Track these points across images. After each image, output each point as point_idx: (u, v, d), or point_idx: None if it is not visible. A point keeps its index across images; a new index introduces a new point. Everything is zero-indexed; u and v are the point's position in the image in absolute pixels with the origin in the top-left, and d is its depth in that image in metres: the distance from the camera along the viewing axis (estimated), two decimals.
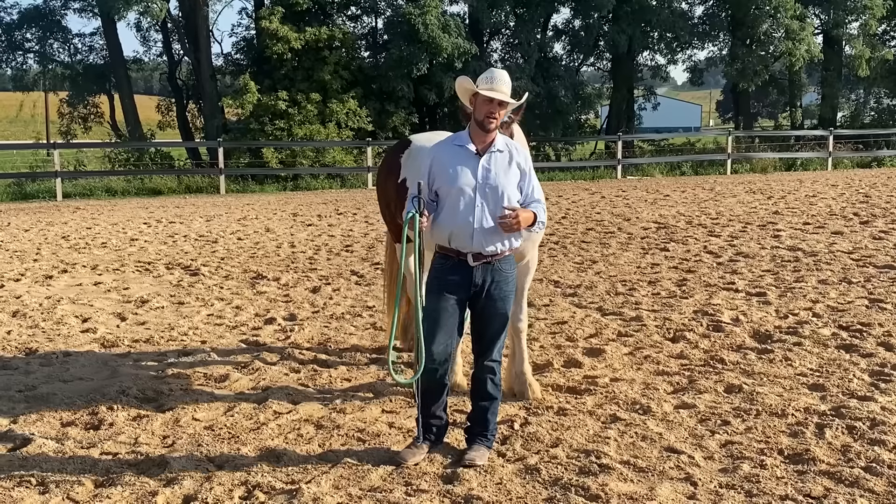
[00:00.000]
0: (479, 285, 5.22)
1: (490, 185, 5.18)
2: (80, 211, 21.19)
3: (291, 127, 30.10)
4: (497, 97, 5.11)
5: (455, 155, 5.28)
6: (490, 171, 5.20)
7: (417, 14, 30.72)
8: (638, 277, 11.16)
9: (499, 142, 5.28)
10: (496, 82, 5.16)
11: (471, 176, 5.19)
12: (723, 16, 38.18)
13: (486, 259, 5.21)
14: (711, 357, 7.51)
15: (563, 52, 40.06)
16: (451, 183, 5.21)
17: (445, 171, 5.24)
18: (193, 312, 9.70)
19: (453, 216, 5.20)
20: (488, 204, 5.16)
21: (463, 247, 5.19)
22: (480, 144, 5.25)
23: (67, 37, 36.50)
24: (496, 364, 5.41)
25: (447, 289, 5.24)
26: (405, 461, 5.21)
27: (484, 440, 5.39)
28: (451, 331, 5.29)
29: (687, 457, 5.31)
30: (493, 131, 5.23)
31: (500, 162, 5.24)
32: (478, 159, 5.22)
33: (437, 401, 5.41)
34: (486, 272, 5.22)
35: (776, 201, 19.95)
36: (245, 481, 5.03)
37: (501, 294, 5.28)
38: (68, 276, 12.00)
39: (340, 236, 15.76)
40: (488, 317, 5.31)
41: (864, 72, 36.94)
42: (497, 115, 5.18)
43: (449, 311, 5.24)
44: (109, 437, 5.82)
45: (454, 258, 5.24)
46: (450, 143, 5.40)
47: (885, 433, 5.58)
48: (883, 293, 9.73)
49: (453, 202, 5.21)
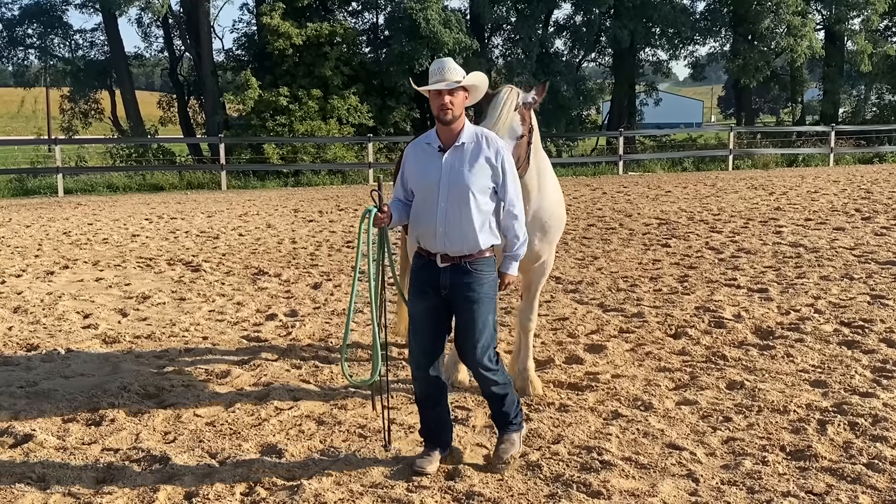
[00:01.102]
0: (448, 287, 4.94)
1: (454, 183, 4.86)
2: (81, 207, 21.19)
3: (293, 123, 30.13)
4: (434, 88, 4.82)
5: (422, 153, 5.05)
6: (453, 169, 4.88)
7: (419, 9, 30.72)
8: (639, 273, 11.15)
9: (466, 134, 4.94)
10: (441, 73, 4.87)
11: (434, 174, 4.91)
12: (724, 11, 38.14)
13: (455, 260, 4.92)
14: (713, 353, 7.51)
15: (564, 47, 40.08)
16: (417, 182, 5.03)
17: (412, 169, 5.07)
18: (195, 308, 9.70)
19: (418, 216, 5.03)
20: (452, 204, 4.86)
21: (430, 247, 4.97)
22: (445, 140, 4.96)
23: (68, 32, 36.52)
24: (490, 372, 5.04)
25: (422, 290, 5.05)
26: (423, 471, 5.05)
27: (510, 426, 5.19)
28: (434, 334, 5.06)
29: (689, 453, 5.31)
30: (452, 123, 4.89)
31: (467, 156, 4.90)
32: (441, 156, 4.93)
33: (436, 406, 5.19)
34: (455, 274, 4.92)
35: (778, 197, 19.93)
36: (246, 477, 5.03)
37: (474, 297, 4.91)
38: (69, 272, 11.99)
39: (341, 232, 15.76)
40: (461, 322, 4.99)
41: (865, 67, 36.90)
42: (449, 105, 4.84)
43: (427, 313, 5.03)
44: (111, 433, 5.82)
45: (426, 258, 5.05)
46: (420, 142, 5.13)
47: (888, 430, 5.57)
48: (885, 289, 9.72)
49: (419, 202, 5.02)
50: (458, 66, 4.97)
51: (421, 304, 5.05)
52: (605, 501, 4.70)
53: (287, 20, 30.45)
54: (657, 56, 40.56)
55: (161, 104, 39.91)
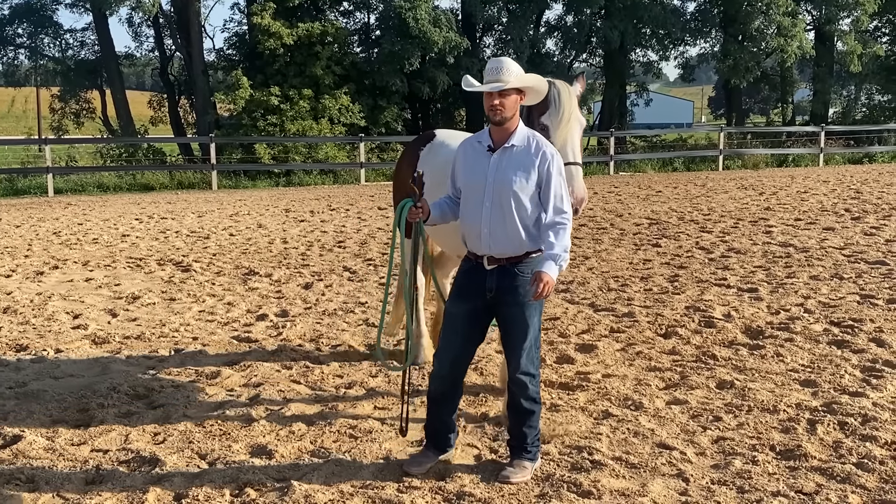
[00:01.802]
0: (494, 290, 4.86)
1: (499, 184, 4.81)
2: (71, 206, 21.12)
3: (284, 122, 30.10)
4: (486, 89, 4.74)
5: (472, 152, 5.00)
6: (500, 170, 4.83)
7: (408, 8, 30.71)
8: (630, 273, 11.17)
9: (518, 136, 4.88)
10: (495, 72, 4.77)
11: (481, 174, 4.87)
12: (715, 12, 38.24)
13: (501, 263, 4.86)
14: (703, 353, 7.52)
15: (555, 47, 40.15)
16: (464, 181, 4.98)
17: (462, 168, 5.03)
18: (185, 309, 9.67)
19: (465, 216, 4.97)
20: (497, 205, 4.81)
21: (476, 249, 4.92)
22: (497, 140, 4.90)
23: (59, 32, 36.41)
24: (527, 378, 4.95)
25: (462, 293, 4.99)
26: (412, 472, 5.04)
27: (525, 454, 5.05)
28: (467, 338, 5.02)
29: (679, 453, 5.32)
30: (503, 124, 4.83)
31: (514, 159, 4.84)
32: (489, 156, 4.88)
33: (446, 408, 5.15)
34: (502, 276, 4.85)
35: (768, 197, 19.98)
36: (236, 478, 5.02)
37: (520, 300, 4.84)
38: (59, 273, 11.95)
39: (333, 232, 15.74)
40: (507, 325, 4.93)
41: (855, 68, 37.04)
42: (500, 106, 4.77)
43: (463, 317, 4.97)
44: (100, 434, 5.79)
45: (472, 261, 4.97)
46: (473, 140, 5.09)
47: (877, 429, 5.59)
48: (874, 289, 9.75)
49: (465, 201, 4.97)
50: (516, 65, 4.86)
51: (462, 305, 4.99)
52: (595, 501, 4.70)
53: (278, 20, 30.42)
54: (648, 56, 40.63)
55: (151, 104, 39.82)
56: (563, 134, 5.33)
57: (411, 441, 5.52)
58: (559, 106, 5.33)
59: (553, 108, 5.32)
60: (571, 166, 5.28)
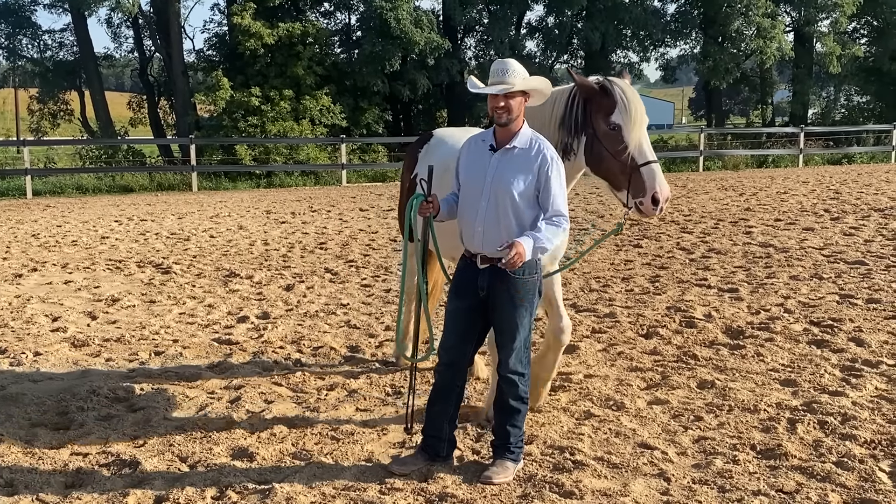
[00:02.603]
0: (485, 289, 4.88)
1: (497, 184, 4.81)
2: (50, 209, 20.98)
3: (265, 123, 30.02)
4: (493, 91, 4.74)
5: (476, 149, 5.00)
6: (498, 169, 4.83)
7: (389, 9, 30.69)
8: (612, 274, 11.20)
9: (521, 138, 4.87)
10: (499, 74, 4.77)
11: (481, 173, 4.88)
12: (695, 14, 38.44)
13: (493, 262, 4.84)
14: (684, 353, 7.55)
15: (536, 49, 40.23)
16: (464, 178, 4.97)
17: (463, 165, 5.02)
18: (165, 311, 9.62)
19: (463, 213, 4.97)
20: (493, 204, 4.81)
21: (471, 247, 4.93)
22: (501, 140, 4.89)
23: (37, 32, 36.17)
24: (516, 376, 4.99)
25: (459, 291, 5.01)
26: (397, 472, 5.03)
27: (508, 454, 5.06)
28: (464, 335, 5.04)
29: (660, 452, 5.33)
30: (508, 125, 4.83)
31: (515, 160, 4.83)
32: (490, 155, 4.89)
33: (444, 407, 5.13)
34: (492, 276, 4.86)
35: (748, 198, 20.08)
36: (217, 481, 4.99)
37: (511, 299, 4.87)
38: (38, 275, 11.86)
39: (314, 234, 15.70)
40: (498, 324, 4.97)
41: (834, 69, 37.34)
42: (505, 107, 4.77)
43: (460, 314, 5.00)
44: (79, 437, 5.75)
45: (468, 259, 4.99)
46: (478, 137, 5.08)
47: (856, 428, 5.63)
48: (853, 289, 9.82)
49: (464, 199, 4.97)
50: (521, 67, 4.86)
51: (458, 302, 5.02)
52: (577, 501, 4.71)
53: (258, 20, 30.34)
54: (628, 58, 40.77)
55: (131, 105, 39.66)
56: (636, 133, 5.13)
57: (392, 443, 5.51)
58: (628, 104, 5.12)
59: (622, 106, 5.11)
60: (652, 164, 5.12)
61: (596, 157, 5.25)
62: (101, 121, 33.63)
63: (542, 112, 5.34)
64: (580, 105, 5.25)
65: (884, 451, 5.29)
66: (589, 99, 5.21)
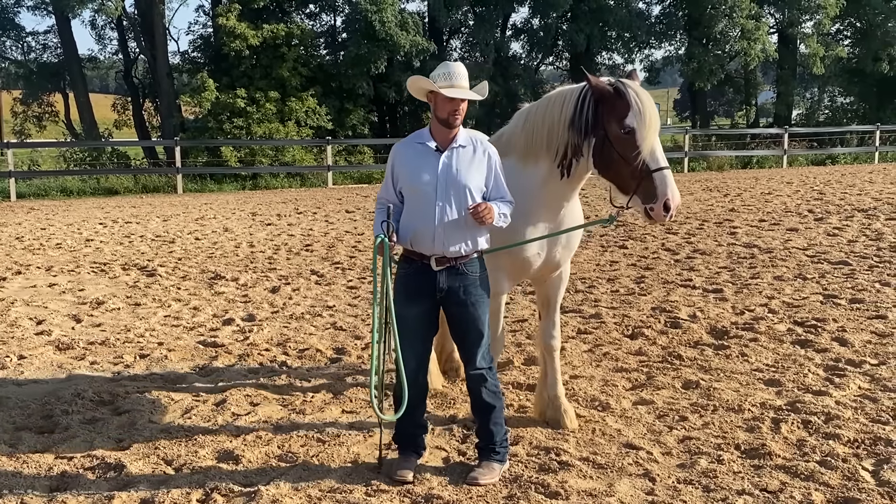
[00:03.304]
0: (445, 290, 4.92)
1: (452, 182, 4.89)
2: (34, 211, 20.87)
3: (250, 125, 29.95)
4: (460, 96, 4.83)
5: (416, 153, 5.00)
6: (451, 168, 4.91)
7: (374, 11, 30.67)
8: (597, 275, 11.22)
9: (461, 137, 4.99)
10: (455, 78, 4.86)
11: (431, 174, 4.90)
12: (679, 15, 38.59)
13: (450, 262, 4.92)
14: (669, 353, 7.57)
15: (522, 50, 40.30)
16: (412, 182, 4.94)
17: (406, 170, 4.98)
18: (150, 314, 9.59)
19: (414, 217, 4.92)
20: (450, 203, 4.87)
21: (425, 249, 4.91)
22: (442, 141, 4.97)
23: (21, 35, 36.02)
24: (486, 371, 5.05)
25: (412, 296, 4.96)
26: (405, 479, 4.98)
27: (493, 455, 5.09)
28: (425, 339, 5.08)
29: (645, 453, 5.35)
30: (457, 127, 4.97)
31: (463, 158, 4.95)
32: (438, 156, 4.93)
33: (416, 409, 5.17)
34: (451, 277, 4.92)
35: (732, 199, 20.17)
36: (203, 484, 4.98)
37: (472, 298, 4.95)
38: (22, 278, 11.80)
39: (300, 236, 15.68)
40: (463, 323, 5.00)
41: (818, 70, 37.55)
42: (460, 111, 4.89)
43: (420, 319, 4.99)
44: (64, 440, 5.72)
45: (417, 262, 4.97)
46: (411, 142, 5.08)
47: (840, 427, 5.66)
48: (837, 289, 9.87)
49: (414, 203, 4.94)
50: (465, 70, 4.96)
51: (414, 309, 4.97)
52: (563, 502, 4.72)
53: (243, 21, 30.26)
54: (613, 59, 40.90)
55: (116, 107, 39.50)
56: (651, 138, 4.97)
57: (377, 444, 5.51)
58: (643, 108, 4.95)
59: (636, 109, 4.93)
60: (664, 170, 4.95)
61: (606, 159, 5.08)
62: (85, 123, 33.50)
63: (551, 112, 5.25)
64: (591, 106, 5.08)
65: (867, 450, 5.32)
66: (601, 100, 5.05)
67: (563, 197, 5.41)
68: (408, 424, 5.17)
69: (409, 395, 4.93)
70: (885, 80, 39.71)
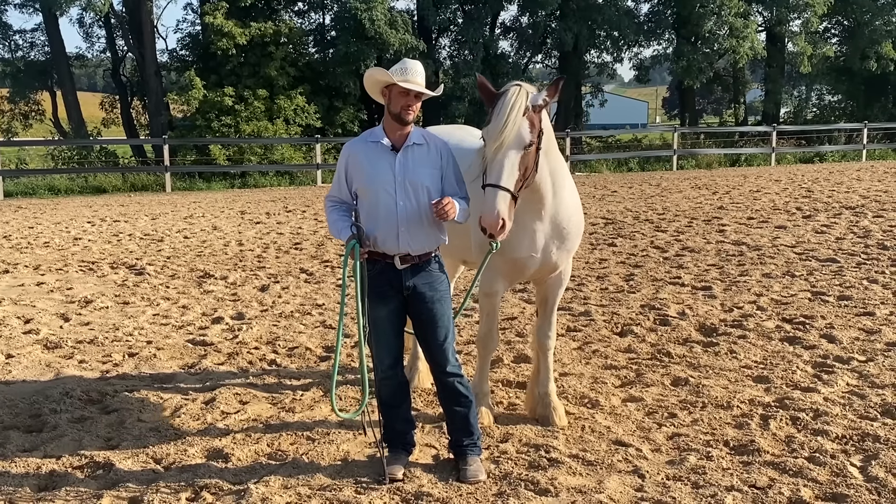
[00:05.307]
0: (411, 289, 4.93)
1: (409, 180, 4.87)
2: (22, 210, 20.78)
3: (238, 123, 29.88)
4: (415, 89, 4.82)
5: (370, 152, 4.95)
6: (408, 167, 4.89)
7: (364, 9, 30.62)
8: (586, 273, 11.24)
9: (415, 135, 4.98)
10: (410, 73, 4.87)
11: (388, 173, 4.87)
12: (668, 14, 38.62)
13: (414, 260, 4.93)
14: (658, 351, 7.59)
15: (510, 49, 40.30)
16: (369, 183, 4.89)
17: (361, 170, 4.93)
18: (139, 312, 9.56)
19: (375, 218, 4.88)
20: (410, 201, 4.86)
21: (389, 249, 4.89)
22: (396, 139, 4.94)
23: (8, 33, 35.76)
24: (456, 368, 5.07)
25: (380, 294, 4.94)
26: (396, 477, 4.97)
27: (474, 449, 5.12)
28: (397, 335, 5.08)
29: (635, 449, 5.36)
30: (410, 124, 4.95)
31: (418, 156, 4.94)
32: (394, 155, 4.90)
33: (402, 404, 5.20)
34: (416, 274, 4.94)
35: (721, 196, 20.22)
36: (192, 482, 4.97)
37: (437, 296, 4.98)
38: (10, 277, 11.75)
39: (289, 234, 15.66)
40: (428, 321, 4.99)
41: (806, 68, 37.63)
42: (414, 107, 4.89)
43: (390, 317, 4.99)
44: (52, 439, 5.71)
45: (381, 262, 4.94)
46: (364, 141, 5.04)
47: (828, 423, 5.69)
48: (825, 286, 9.91)
49: (372, 203, 4.90)
50: (423, 69, 5.00)
51: (384, 308, 4.98)
52: (552, 499, 4.73)
53: (231, 20, 30.16)
54: (602, 58, 40.86)
55: (104, 105, 39.28)
56: (491, 149, 4.79)
57: (368, 443, 5.50)
58: (500, 121, 4.76)
59: (494, 121, 4.81)
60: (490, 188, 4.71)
61: None
62: (73, 121, 33.33)
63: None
64: None
65: (855, 446, 5.35)
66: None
67: None
68: (395, 420, 5.18)
69: (390, 390, 5.04)
70: (873, 79, 39.84)
